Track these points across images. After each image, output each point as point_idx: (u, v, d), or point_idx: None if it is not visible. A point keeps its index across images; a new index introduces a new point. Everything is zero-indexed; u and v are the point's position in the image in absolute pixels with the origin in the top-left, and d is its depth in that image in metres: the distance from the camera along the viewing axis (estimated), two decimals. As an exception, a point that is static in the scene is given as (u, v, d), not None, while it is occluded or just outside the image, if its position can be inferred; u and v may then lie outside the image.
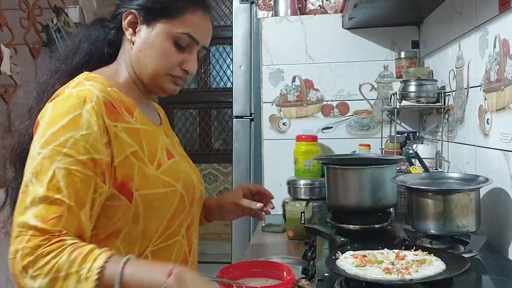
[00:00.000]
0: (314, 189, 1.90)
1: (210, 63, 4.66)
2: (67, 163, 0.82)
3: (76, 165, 0.83)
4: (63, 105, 0.87)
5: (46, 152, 0.82)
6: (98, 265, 0.76)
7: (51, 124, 0.85)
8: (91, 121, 0.85)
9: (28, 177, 0.82)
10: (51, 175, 0.81)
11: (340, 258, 1.00)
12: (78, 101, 0.87)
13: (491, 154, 1.24)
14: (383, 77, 2.13)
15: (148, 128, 0.98)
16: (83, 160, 0.83)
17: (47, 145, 0.83)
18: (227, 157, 3.86)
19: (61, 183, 0.81)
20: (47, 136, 0.84)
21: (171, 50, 0.97)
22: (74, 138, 0.83)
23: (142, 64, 0.98)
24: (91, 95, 0.88)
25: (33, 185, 0.81)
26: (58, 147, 0.83)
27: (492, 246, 1.18)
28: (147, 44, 0.97)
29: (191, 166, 1.10)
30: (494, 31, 1.22)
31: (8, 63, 2.60)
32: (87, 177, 0.83)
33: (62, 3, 3.22)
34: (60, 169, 0.82)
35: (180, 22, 0.97)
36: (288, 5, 2.25)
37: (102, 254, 0.78)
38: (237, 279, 1.04)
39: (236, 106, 2.37)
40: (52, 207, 0.80)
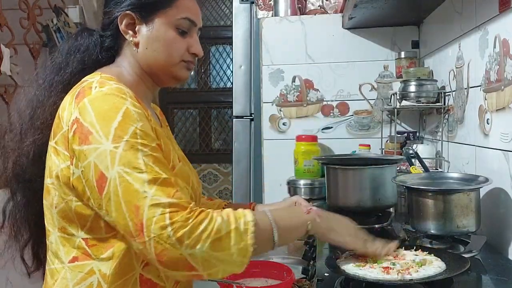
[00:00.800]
0: (314, 189, 1.90)
1: (210, 63, 4.66)
2: (149, 150, 0.84)
3: (155, 152, 0.85)
4: (104, 104, 0.86)
5: (123, 145, 0.82)
6: (251, 217, 0.83)
7: (105, 120, 0.84)
8: (139, 113, 0.87)
9: (120, 169, 0.81)
10: (143, 163, 0.82)
11: (340, 258, 1.00)
12: (118, 97, 0.87)
13: (491, 154, 1.24)
14: (383, 77, 2.13)
15: (159, 129, 0.97)
16: (155, 145, 0.86)
17: (119, 139, 0.82)
18: (227, 157, 3.86)
19: (155, 167, 0.82)
20: (113, 132, 0.83)
21: (176, 38, 0.99)
22: (138, 129, 0.84)
23: (152, 59, 0.99)
24: (123, 92, 0.89)
25: (131, 174, 0.81)
26: (132, 139, 0.83)
27: (492, 246, 1.18)
28: (152, 40, 0.98)
29: (190, 168, 1.10)
30: (494, 31, 1.22)
31: (8, 63, 2.59)
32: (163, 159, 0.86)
33: (62, 3, 3.22)
34: (147, 156, 0.83)
35: (176, 10, 0.98)
36: (288, 5, 2.25)
37: (246, 211, 0.85)
38: (237, 279, 1.04)
39: (236, 106, 2.37)
40: (166, 184, 0.81)
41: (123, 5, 0.98)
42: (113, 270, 0.90)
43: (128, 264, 0.91)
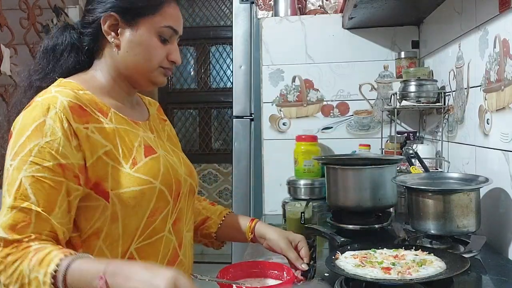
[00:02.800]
0: (314, 189, 1.90)
1: (210, 63, 4.66)
2: (33, 170, 0.84)
3: (43, 172, 0.85)
4: (29, 116, 0.89)
5: (15, 164, 0.85)
6: (52, 269, 0.77)
7: (19, 135, 0.87)
8: (54, 127, 0.87)
9: (4, 189, 0.85)
10: (18, 184, 0.84)
11: (340, 258, 1.00)
12: (42, 109, 0.88)
13: (491, 154, 1.24)
14: (383, 77, 2.13)
15: (126, 127, 0.98)
16: (50, 166, 0.85)
17: (16, 156, 0.85)
18: (227, 157, 3.86)
19: (28, 190, 0.83)
20: (16, 148, 0.86)
21: (157, 44, 1.00)
22: (39, 146, 0.85)
23: (132, 63, 1.00)
24: (54, 102, 0.89)
25: (5, 197, 0.84)
26: (25, 157, 0.85)
27: (492, 246, 1.18)
28: (134, 44, 0.98)
29: (181, 160, 1.09)
30: (494, 31, 1.22)
31: (8, 63, 2.59)
32: (56, 183, 0.85)
33: (62, 3, 3.22)
34: (27, 177, 0.84)
35: (160, 17, 0.99)
36: (288, 5, 2.25)
37: (56, 257, 0.79)
38: (237, 279, 1.04)
39: (236, 106, 2.37)
40: (19, 215, 0.82)
41: (108, 6, 0.98)
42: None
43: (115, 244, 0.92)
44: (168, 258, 0.99)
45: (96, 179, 0.90)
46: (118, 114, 0.98)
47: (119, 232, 0.92)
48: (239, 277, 1.05)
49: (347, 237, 1.25)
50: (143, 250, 0.96)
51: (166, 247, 1.00)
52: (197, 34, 4.54)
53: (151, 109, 1.16)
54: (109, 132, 0.94)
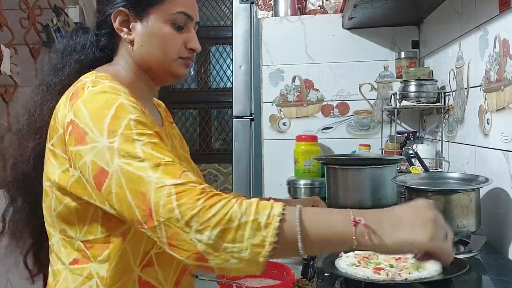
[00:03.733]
0: (314, 189, 1.90)
1: (210, 63, 4.65)
2: (146, 138, 0.79)
3: (152, 138, 0.80)
4: (98, 101, 0.83)
5: (118, 139, 0.78)
6: (278, 212, 0.72)
7: (98, 118, 0.81)
8: (134, 105, 0.84)
9: (121, 161, 0.77)
10: (142, 152, 0.77)
11: (340, 258, 1.00)
12: (110, 94, 0.84)
13: (491, 154, 1.24)
14: (383, 77, 2.13)
15: (157, 129, 0.94)
16: (152, 133, 0.81)
17: (114, 134, 0.79)
18: (227, 157, 3.85)
19: (155, 153, 0.78)
20: (107, 128, 0.80)
21: (171, 33, 0.96)
22: (132, 120, 0.81)
23: (148, 57, 0.97)
24: (116, 89, 0.86)
25: (132, 164, 0.76)
26: (126, 131, 0.79)
27: (492, 246, 1.18)
28: (147, 36, 0.95)
29: (193, 168, 1.08)
30: (494, 31, 1.22)
31: (8, 63, 2.59)
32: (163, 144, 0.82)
33: (62, 3, 3.22)
34: (144, 145, 0.78)
35: (170, 4, 0.95)
36: (288, 5, 2.25)
37: (278, 203, 0.74)
38: (237, 279, 1.04)
39: (236, 106, 2.37)
40: (169, 167, 0.76)
41: (116, 2, 0.96)
42: (111, 272, 0.89)
43: (125, 266, 0.90)
44: (181, 266, 0.98)
45: None
46: (150, 115, 0.95)
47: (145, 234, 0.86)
48: (239, 277, 1.05)
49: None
50: (162, 255, 0.94)
51: None
52: (197, 34, 4.53)
53: (161, 112, 1.14)
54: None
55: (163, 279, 0.95)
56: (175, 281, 0.98)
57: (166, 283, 0.95)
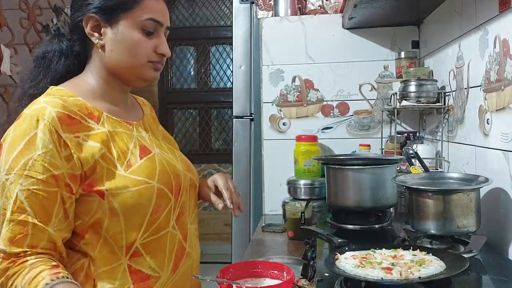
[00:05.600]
0: (314, 189, 1.90)
1: (210, 63, 4.66)
2: (29, 184, 0.88)
3: (37, 185, 0.88)
4: (20, 128, 0.91)
5: (11, 178, 0.88)
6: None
7: (11, 149, 0.90)
8: (45, 140, 0.89)
9: (4, 202, 0.89)
10: (15, 198, 0.87)
11: (340, 258, 1.00)
12: (31, 122, 0.90)
13: (491, 154, 1.24)
14: (383, 77, 2.13)
15: (120, 129, 1.00)
16: (43, 179, 0.88)
17: (11, 170, 0.89)
18: (227, 157, 3.85)
19: (24, 204, 0.87)
20: (10, 162, 0.89)
21: (141, 39, 0.99)
22: (32, 160, 0.88)
23: (118, 62, 1.00)
24: (43, 113, 0.91)
25: (9, 211, 0.88)
26: (20, 171, 0.88)
27: (492, 246, 1.18)
28: (117, 42, 0.99)
29: (177, 157, 1.11)
30: (494, 31, 1.22)
31: (8, 63, 2.60)
32: (50, 193, 0.89)
33: (62, 3, 3.22)
34: (23, 191, 0.87)
35: (140, 11, 0.98)
36: (288, 5, 2.25)
37: (44, 280, 0.83)
38: (237, 279, 1.04)
39: (236, 106, 2.37)
40: (17, 227, 0.87)
41: (87, 8, 0.99)
42: (98, 255, 0.94)
43: (110, 254, 0.95)
44: (175, 252, 1.03)
45: (93, 182, 0.93)
46: (111, 117, 1.00)
47: (121, 226, 0.95)
48: (239, 277, 1.05)
49: (347, 237, 1.25)
50: (149, 245, 0.98)
51: (171, 242, 1.02)
52: (197, 34, 4.54)
53: (145, 109, 1.18)
54: (101, 136, 0.96)
55: (158, 267, 0.98)
56: (172, 267, 1.02)
57: (162, 270, 1.00)
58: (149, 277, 0.97)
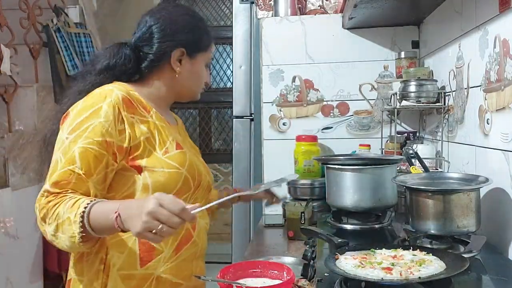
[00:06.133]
0: (314, 189, 1.90)
1: (210, 63, 4.66)
2: (85, 143, 1.04)
3: (92, 144, 1.04)
4: (89, 101, 1.10)
5: (72, 137, 1.05)
6: (81, 211, 0.95)
7: (78, 115, 1.08)
8: (108, 112, 1.07)
9: (58, 156, 1.04)
10: (71, 152, 1.03)
11: (340, 258, 1.00)
12: (100, 97, 1.10)
13: (491, 154, 1.24)
14: (383, 77, 2.13)
15: (163, 124, 1.18)
16: (99, 140, 1.05)
17: (73, 131, 1.06)
18: (227, 157, 3.85)
19: (76, 157, 1.03)
20: (74, 125, 1.06)
21: (205, 72, 1.29)
22: (94, 125, 1.05)
23: (187, 87, 1.26)
24: (111, 93, 1.11)
25: (61, 162, 1.03)
26: (81, 133, 1.05)
27: (492, 246, 1.18)
28: (192, 73, 1.25)
29: (200, 160, 1.30)
30: (494, 31, 1.22)
31: (8, 63, 2.60)
32: (100, 154, 1.05)
33: (62, 3, 3.22)
34: (80, 147, 1.04)
35: (209, 52, 1.28)
36: (288, 5, 2.25)
37: (85, 201, 0.97)
38: (237, 279, 1.05)
39: (236, 106, 2.37)
40: (64, 174, 1.02)
41: (178, 42, 1.20)
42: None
43: None
44: (181, 236, 1.16)
45: (135, 157, 1.10)
46: (158, 114, 1.19)
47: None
48: (239, 277, 1.06)
49: (347, 237, 1.25)
50: None
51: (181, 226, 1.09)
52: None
53: (179, 122, 1.40)
54: (150, 125, 1.15)
55: (163, 242, 1.09)
56: (175, 247, 1.14)
57: (166, 246, 1.13)
58: (153, 249, 1.11)
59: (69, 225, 0.96)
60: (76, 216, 0.95)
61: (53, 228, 0.99)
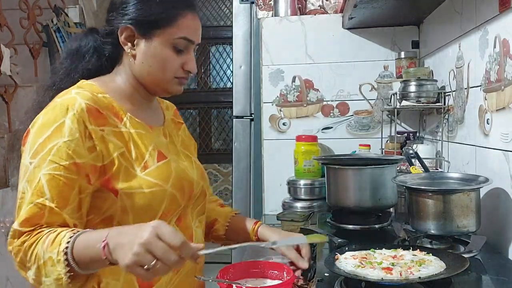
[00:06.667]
0: (314, 189, 1.90)
1: (210, 63, 4.65)
2: (51, 169, 0.88)
3: (59, 170, 0.89)
4: (49, 116, 0.93)
5: (35, 162, 0.89)
6: (63, 247, 0.81)
7: (39, 134, 0.91)
8: (72, 128, 0.91)
9: (25, 186, 0.90)
10: (37, 181, 0.88)
11: (340, 258, 1.00)
12: (61, 110, 0.92)
13: (491, 154, 1.24)
14: (383, 77, 2.13)
15: (140, 130, 1.01)
16: (66, 165, 0.89)
17: (37, 155, 0.90)
18: (227, 157, 3.85)
19: (44, 187, 0.88)
20: (36, 147, 0.90)
21: (171, 56, 1.01)
22: (57, 146, 0.89)
23: (146, 74, 1.02)
24: (73, 103, 0.93)
25: (27, 193, 0.89)
26: (45, 155, 0.89)
27: (492, 246, 1.18)
28: (149, 56, 1.01)
29: (193, 164, 1.13)
30: (494, 31, 1.22)
31: (8, 63, 2.59)
32: (70, 180, 0.89)
33: (62, 3, 3.22)
34: (45, 175, 0.88)
35: (175, 29, 1.00)
36: (288, 5, 2.25)
37: (66, 235, 0.82)
38: (237, 279, 1.04)
39: (236, 106, 2.37)
40: (34, 209, 0.87)
41: (125, 18, 1.01)
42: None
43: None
44: None
45: (109, 177, 0.94)
46: (133, 118, 1.01)
47: (131, 223, 0.94)
48: (239, 277, 1.05)
49: (347, 237, 1.25)
50: None
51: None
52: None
53: (167, 113, 1.18)
54: (124, 135, 0.97)
55: None
56: None
57: None
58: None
59: (52, 265, 0.81)
60: (59, 254, 0.81)
61: (34, 272, 0.84)
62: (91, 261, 0.81)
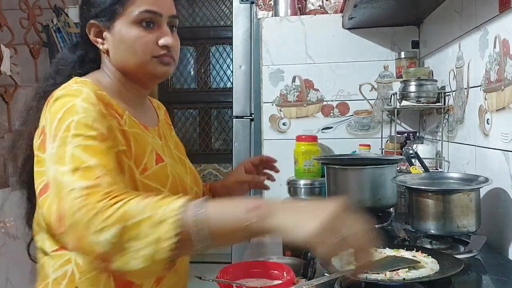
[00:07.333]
0: (314, 189, 1.90)
1: (210, 63, 4.65)
2: (80, 140, 0.80)
3: (88, 140, 0.80)
4: (56, 105, 0.86)
5: (56, 143, 0.80)
6: (176, 206, 0.69)
7: (51, 122, 0.84)
8: (86, 107, 0.84)
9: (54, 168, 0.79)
10: (69, 155, 0.78)
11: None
12: (70, 96, 0.86)
13: (491, 154, 1.24)
14: (383, 77, 2.13)
15: (138, 131, 0.96)
16: (90, 135, 0.81)
17: (55, 137, 0.81)
18: (227, 157, 3.85)
19: (82, 156, 0.78)
20: (52, 132, 0.83)
21: (139, 34, 0.95)
22: (74, 122, 0.81)
23: (123, 63, 0.97)
24: (80, 91, 0.88)
25: (59, 169, 0.77)
26: (64, 133, 0.81)
27: (492, 246, 1.18)
28: (118, 43, 0.96)
29: (186, 168, 1.09)
30: (494, 31, 1.22)
31: (8, 63, 2.59)
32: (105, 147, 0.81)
33: (62, 3, 3.22)
34: (75, 147, 0.79)
35: (132, 6, 0.94)
36: (288, 5, 2.25)
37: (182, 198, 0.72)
38: (237, 279, 1.04)
39: (236, 106, 2.37)
40: (87, 171, 0.76)
41: (87, 16, 0.98)
42: (86, 261, 0.87)
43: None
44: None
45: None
46: (131, 118, 0.96)
47: None
48: (239, 277, 1.05)
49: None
50: None
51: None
52: (197, 34, 4.53)
53: (160, 113, 1.15)
54: (126, 133, 0.92)
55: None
56: (155, 279, 0.95)
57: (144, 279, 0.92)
58: (131, 284, 0.91)
59: (154, 226, 0.68)
60: (166, 214, 0.68)
61: (113, 235, 0.68)
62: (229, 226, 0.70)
